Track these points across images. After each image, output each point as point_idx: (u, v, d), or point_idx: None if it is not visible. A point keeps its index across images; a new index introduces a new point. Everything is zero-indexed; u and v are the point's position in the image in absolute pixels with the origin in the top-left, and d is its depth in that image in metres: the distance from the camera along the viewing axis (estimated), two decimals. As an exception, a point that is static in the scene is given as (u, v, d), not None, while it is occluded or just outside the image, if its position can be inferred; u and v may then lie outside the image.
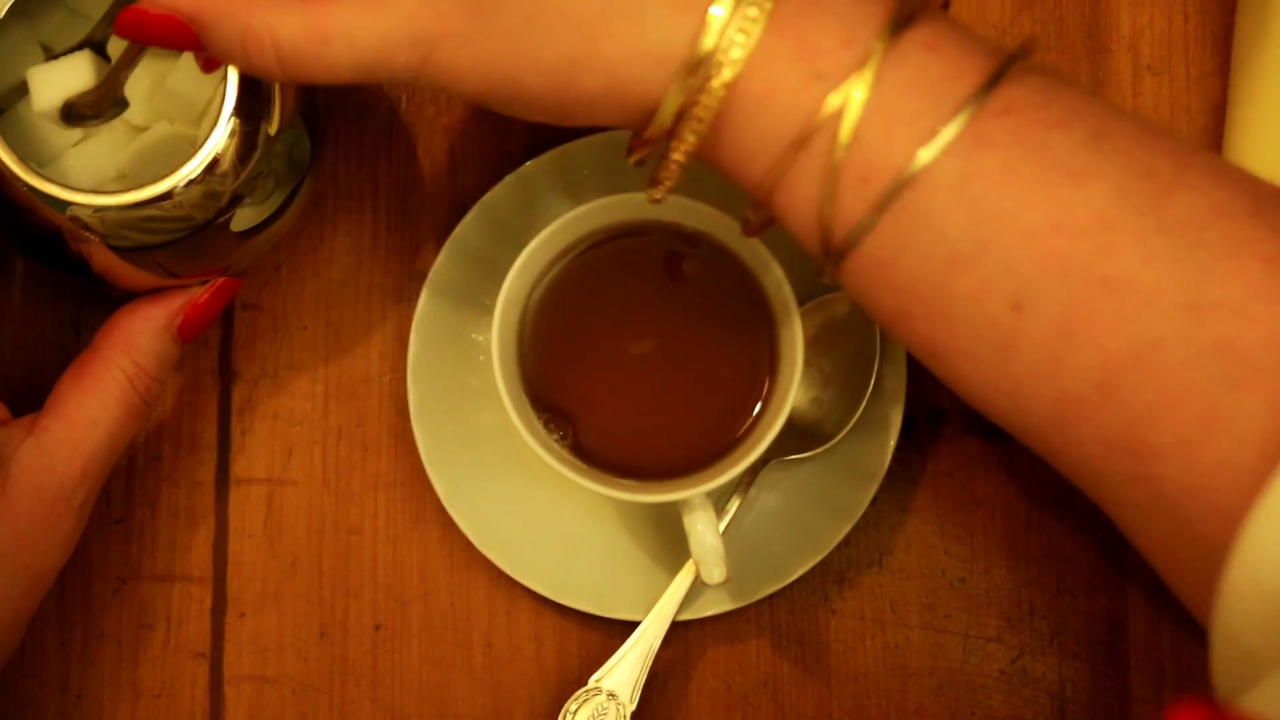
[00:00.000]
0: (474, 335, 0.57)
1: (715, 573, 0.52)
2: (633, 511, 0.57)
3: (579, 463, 0.53)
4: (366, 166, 0.59)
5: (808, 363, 0.55)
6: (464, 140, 0.59)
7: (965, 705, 0.57)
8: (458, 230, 0.56)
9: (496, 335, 0.52)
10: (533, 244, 0.52)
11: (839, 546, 0.56)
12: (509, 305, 0.52)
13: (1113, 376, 0.41)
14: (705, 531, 0.52)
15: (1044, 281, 0.41)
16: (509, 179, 0.56)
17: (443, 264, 0.56)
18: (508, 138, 0.59)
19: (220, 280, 0.52)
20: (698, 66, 0.42)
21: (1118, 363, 0.41)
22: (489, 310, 0.53)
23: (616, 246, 0.54)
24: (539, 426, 0.53)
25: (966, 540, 0.58)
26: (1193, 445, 0.40)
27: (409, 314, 0.56)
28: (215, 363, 0.58)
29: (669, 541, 0.56)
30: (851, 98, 0.41)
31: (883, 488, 0.56)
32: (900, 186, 0.41)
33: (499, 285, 0.52)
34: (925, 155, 0.41)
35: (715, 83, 0.42)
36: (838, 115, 0.42)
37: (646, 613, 0.55)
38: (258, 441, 0.58)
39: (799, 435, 0.56)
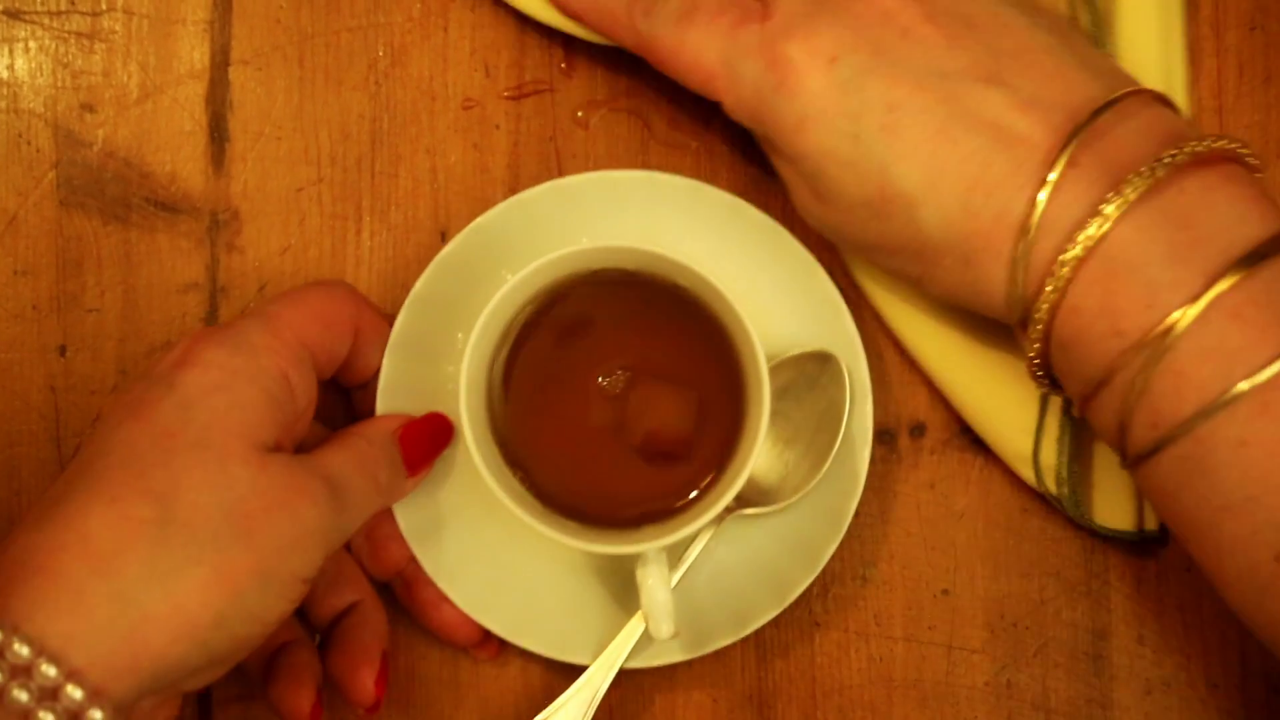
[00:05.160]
0: (448, 366, 0.56)
1: (664, 628, 0.52)
2: (591, 556, 0.56)
3: (540, 507, 0.53)
4: (349, 187, 0.59)
5: (775, 412, 0.54)
6: (445, 160, 0.59)
7: (950, 717, 0.57)
8: (443, 253, 0.55)
9: (465, 378, 0.51)
10: (503, 290, 0.51)
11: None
12: (478, 349, 0.52)
13: None
14: (656, 586, 0.52)
15: None
16: (501, 206, 0.55)
17: (424, 285, 0.55)
18: (489, 155, 0.59)
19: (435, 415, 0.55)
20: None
21: None
22: (463, 344, 0.52)
23: (588, 295, 0.53)
24: (503, 469, 0.53)
25: (949, 552, 0.58)
26: None
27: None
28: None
29: (626, 587, 0.55)
30: (1147, 356, 0.46)
31: (865, 501, 0.56)
32: (1184, 434, 0.46)
33: (477, 314, 0.52)
34: (1208, 419, 0.45)
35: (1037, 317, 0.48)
36: (1133, 370, 0.46)
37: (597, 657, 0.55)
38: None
39: (760, 491, 0.56)
